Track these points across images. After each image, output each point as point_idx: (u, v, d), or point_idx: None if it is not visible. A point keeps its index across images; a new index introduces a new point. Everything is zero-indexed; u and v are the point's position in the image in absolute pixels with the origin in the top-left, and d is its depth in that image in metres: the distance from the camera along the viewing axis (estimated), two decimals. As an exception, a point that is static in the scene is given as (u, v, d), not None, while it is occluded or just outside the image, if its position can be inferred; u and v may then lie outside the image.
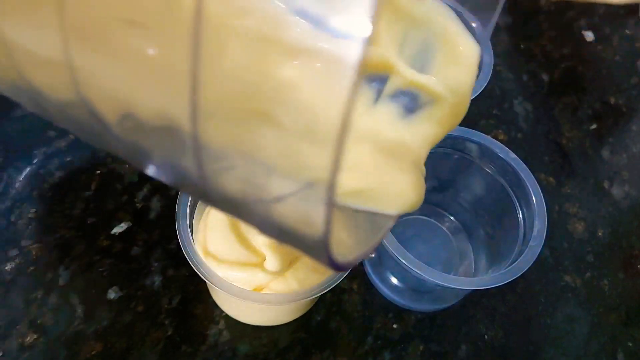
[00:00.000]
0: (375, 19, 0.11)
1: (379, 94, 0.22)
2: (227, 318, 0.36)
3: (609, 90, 0.52)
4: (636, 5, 0.59)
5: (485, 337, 0.37)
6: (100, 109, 0.16)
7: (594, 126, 0.49)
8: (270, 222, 0.16)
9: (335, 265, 0.15)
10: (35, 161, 0.41)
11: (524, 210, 0.33)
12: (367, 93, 0.22)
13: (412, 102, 0.22)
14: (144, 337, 0.34)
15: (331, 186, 0.12)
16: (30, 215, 0.38)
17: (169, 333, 0.35)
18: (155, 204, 0.40)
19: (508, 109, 0.49)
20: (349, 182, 0.19)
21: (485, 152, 0.35)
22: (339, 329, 0.36)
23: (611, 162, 0.47)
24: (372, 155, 0.20)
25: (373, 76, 0.22)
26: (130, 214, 0.39)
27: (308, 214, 0.14)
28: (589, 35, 0.57)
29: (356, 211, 0.20)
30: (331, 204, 0.13)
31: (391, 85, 0.22)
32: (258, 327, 0.35)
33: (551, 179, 0.45)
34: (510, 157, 0.34)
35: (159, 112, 0.15)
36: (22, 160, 0.41)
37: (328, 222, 0.13)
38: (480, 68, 0.31)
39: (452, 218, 0.41)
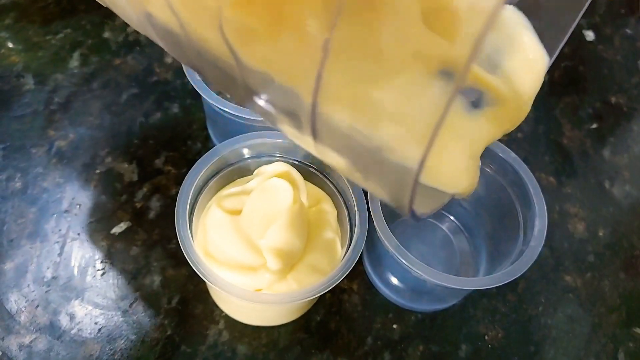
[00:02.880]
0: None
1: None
2: (227, 318, 0.36)
3: (609, 89, 0.52)
4: (636, 5, 0.59)
5: (486, 337, 0.37)
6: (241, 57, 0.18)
7: (594, 126, 0.49)
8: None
9: (412, 212, 0.18)
10: (35, 161, 0.41)
11: (525, 210, 0.33)
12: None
13: (477, 98, 0.23)
14: (143, 337, 0.34)
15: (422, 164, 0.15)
16: (30, 215, 0.38)
17: (169, 333, 0.35)
18: (155, 203, 0.40)
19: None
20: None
21: (486, 152, 0.34)
22: (339, 329, 0.36)
23: (612, 162, 0.47)
24: (442, 138, 0.21)
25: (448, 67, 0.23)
26: (129, 214, 0.39)
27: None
28: (590, 35, 0.56)
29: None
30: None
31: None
32: (258, 327, 0.35)
33: (552, 178, 0.45)
34: (511, 157, 0.34)
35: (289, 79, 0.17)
36: (22, 160, 0.41)
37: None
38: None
39: (452, 218, 0.41)
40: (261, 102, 0.19)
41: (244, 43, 0.18)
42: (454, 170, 0.21)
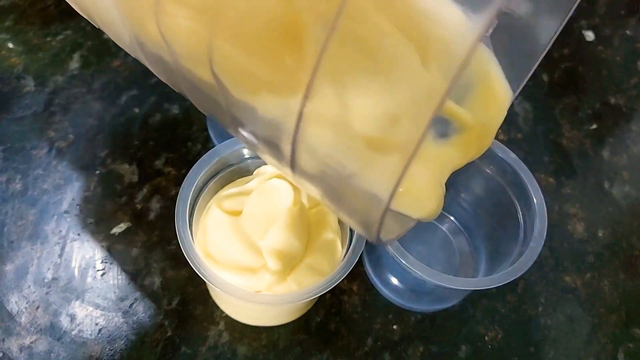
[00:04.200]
0: None
1: None
2: (227, 319, 0.36)
3: (609, 90, 0.52)
4: (636, 5, 0.59)
5: (486, 337, 0.37)
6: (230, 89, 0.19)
7: (594, 126, 0.49)
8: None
9: (378, 239, 0.19)
10: (35, 162, 0.41)
11: (524, 210, 0.33)
12: None
13: (443, 127, 0.25)
14: (143, 338, 0.34)
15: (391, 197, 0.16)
16: (30, 217, 0.38)
17: (169, 334, 0.35)
18: (155, 204, 0.40)
19: (508, 109, 0.48)
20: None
21: (485, 153, 0.34)
22: (339, 330, 0.36)
23: (611, 163, 0.47)
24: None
25: None
26: (129, 215, 0.39)
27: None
28: (589, 36, 0.56)
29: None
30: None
31: None
32: (258, 328, 0.35)
33: (551, 179, 0.45)
34: (510, 157, 0.34)
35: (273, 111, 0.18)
36: (22, 161, 0.41)
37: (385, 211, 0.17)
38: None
39: (452, 219, 0.41)
40: (245, 132, 0.20)
41: (231, 76, 0.18)
42: (422, 195, 0.22)
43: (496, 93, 0.25)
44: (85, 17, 0.25)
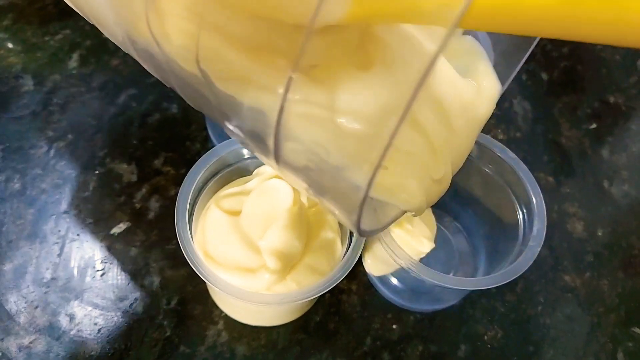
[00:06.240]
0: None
1: None
2: (226, 319, 0.36)
3: (608, 89, 0.52)
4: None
5: (485, 337, 0.37)
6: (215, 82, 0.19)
7: (593, 125, 0.49)
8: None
9: (359, 229, 0.19)
10: (33, 162, 0.41)
11: (523, 210, 0.33)
12: None
13: None
14: (142, 337, 0.34)
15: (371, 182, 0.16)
16: (29, 216, 0.38)
17: (168, 334, 0.35)
18: (154, 204, 0.40)
19: (507, 109, 0.49)
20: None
21: (485, 152, 0.34)
22: (338, 329, 0.36)
23: (610, 162, 0.47)
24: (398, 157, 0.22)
25: None
26: (128, 215, 0.39)
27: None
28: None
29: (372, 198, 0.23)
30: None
31: None
32: (257, 327, 0.35)
33: (550, 178, 0.45)
34: (510, 156, 0.34)
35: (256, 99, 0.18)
36: (21, 161, 0.41)
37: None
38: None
39: (451, 218, 0.41)
40: (231, 125, 0.21)
41: (216, 70, 0.19)
42: (406, 187, 0.22)
43: (484, 87, 0.25)
44: (80, 14, 0.25)
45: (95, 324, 0.35)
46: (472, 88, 0.25)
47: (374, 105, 0.18)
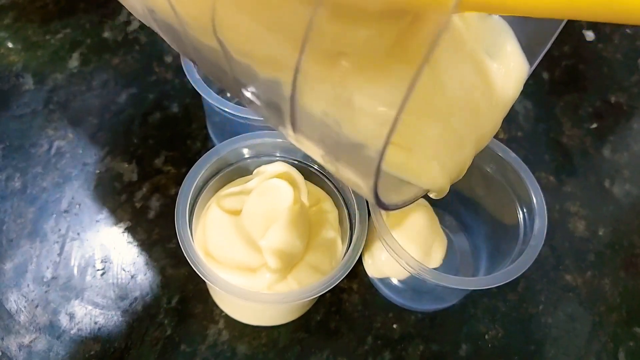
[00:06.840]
0: None
1: None
2: (227, 318, 0.35)
3: (609, 88, 0.52)
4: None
5: (486, 336, 0.37)
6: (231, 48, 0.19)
7: (594, 125, 0.49)
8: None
9: (377, 200, 0.19)
10: (34, 160, 0.41)
11: (524, 209, 0.33)
12: None
13: None
14: (143, 336, 0.34)
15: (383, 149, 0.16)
16: (29, 215, 0.38)
17: (168, 333, 0.35)
18: (154, 203, 0.40)
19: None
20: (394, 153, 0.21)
21: (485, 151, 0.34)
22: (339, 328, 0.36)
23: (612, 161, 0.47)
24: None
25: None
26: (129, 214, 0.39)
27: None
28: (590, 35, 0.56)
29: (392, 176, 0.22)
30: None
31: None
32: (257, 326, 0.35)
33: (552, 177, 0.45)
34: (511, 156, 0.34)
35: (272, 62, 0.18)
36: (21, 159, 0.41)
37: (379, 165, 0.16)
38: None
39: (452, 217, 0.41)
40: (248, 93, 0.21)
41: (232, 37, 0.19)
42: (427, 165, 0.22)
43: (513, 67, 0.25)
44: None
45: (96, 322, 0.35)
46: (499, 70, 0.24)
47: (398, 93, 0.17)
